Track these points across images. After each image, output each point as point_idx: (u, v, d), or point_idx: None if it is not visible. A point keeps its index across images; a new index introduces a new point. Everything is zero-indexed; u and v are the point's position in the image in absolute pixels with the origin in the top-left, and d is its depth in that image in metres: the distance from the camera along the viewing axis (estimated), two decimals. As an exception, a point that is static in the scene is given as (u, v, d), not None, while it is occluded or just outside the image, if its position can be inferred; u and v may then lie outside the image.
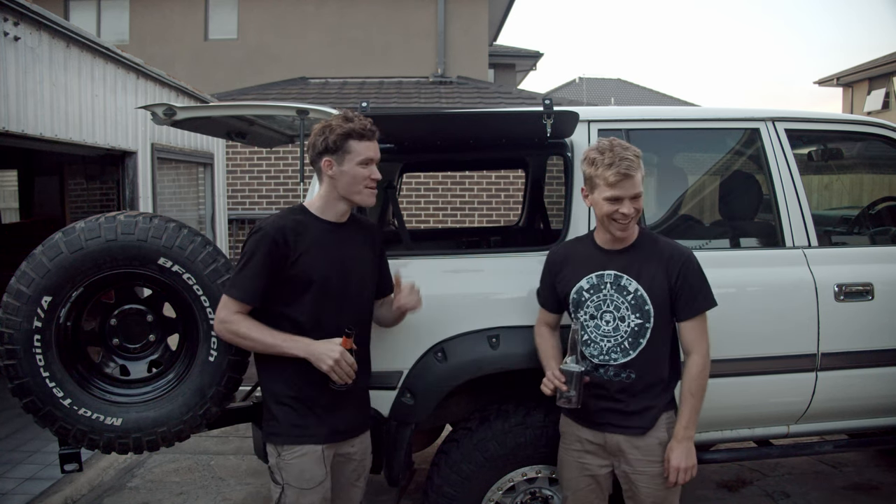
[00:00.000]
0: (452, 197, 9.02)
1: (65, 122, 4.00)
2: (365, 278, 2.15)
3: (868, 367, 2.63)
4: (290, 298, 2.01)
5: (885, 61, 16.72)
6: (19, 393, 2.17)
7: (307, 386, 2.01)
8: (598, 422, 2.14)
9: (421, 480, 3.34)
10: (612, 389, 2.12)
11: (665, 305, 2.08)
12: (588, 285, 2.14)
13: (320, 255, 2.02)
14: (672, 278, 2.07)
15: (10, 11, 3.46)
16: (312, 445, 2.02)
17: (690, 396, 2.07)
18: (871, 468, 3.86)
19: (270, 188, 8.99)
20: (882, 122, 2.91)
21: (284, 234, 1.98)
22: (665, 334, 2.11)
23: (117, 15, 11.49)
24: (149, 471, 3.91)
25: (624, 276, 2.10)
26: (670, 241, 2.18)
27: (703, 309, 2.09)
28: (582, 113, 2.55)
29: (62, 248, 2.16)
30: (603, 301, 2.12)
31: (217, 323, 2.03)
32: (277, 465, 2.04)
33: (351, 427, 2.13)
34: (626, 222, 2.04)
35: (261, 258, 1.96)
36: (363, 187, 2.03)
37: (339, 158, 2.00)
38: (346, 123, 2.00)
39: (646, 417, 2.10)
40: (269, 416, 2.07)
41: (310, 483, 2.01)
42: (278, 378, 2.04)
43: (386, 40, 11.30)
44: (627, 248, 2.13)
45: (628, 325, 2.09)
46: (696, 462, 2.08)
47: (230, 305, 1.99)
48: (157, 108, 2.40)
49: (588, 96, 19.89)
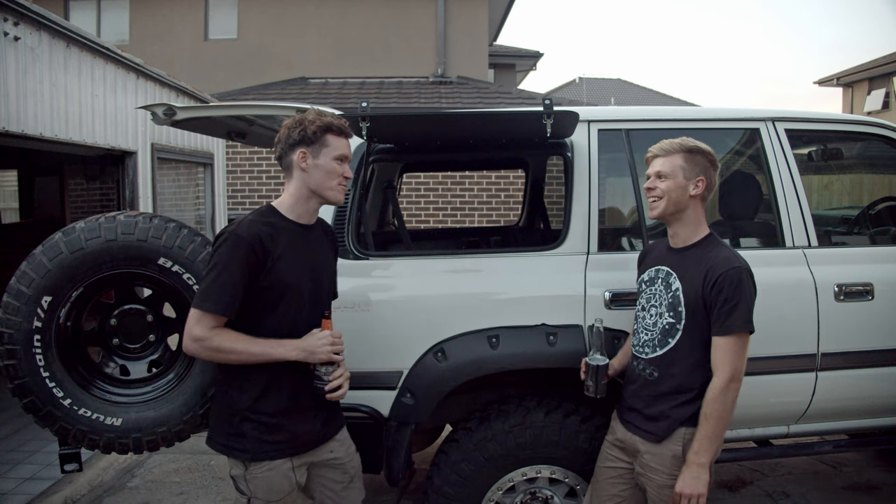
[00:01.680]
0: (452, 197, 9.02)
1: (65, 122, 4.00)
2: (331, 280, 2.13)
3: (868, 367, 2.63)
4: (266, 307, 1.91)
5: (885, 61, 16.73)
6: (19, 393, 2.17)
7: (278, 396, 1.93)
8: (626, 419, 2.20)
9: (421, 480, 3.34)
10: (637, 384, 2.17)
11: (697, 312, 2.03)
12: (647, 278, 2.22)
13: (293, 261, 1.94)
14: (706, 287, 2.01)
15: (10, 11, 3.46)
16: (281, 460, 1.96)
17: (704, 420, 1.98)
18: (871, 468, 3.86)
19: (270, 188, 8.98)
20: (882, 122, 2.91)
21: (261, 239, 1.87)
22: (695, 342, 2.05)
23: (117, 15, 11.49)
24: (149, 471, 3.91)
25: (673, 275, 2.13)
26: (727, 251, 2.08)
27: (734, 330, 1.96)
28: (582, 113, 2.55)
29: (62, 248, 2.16)
30: (653, 295, 2.17)
31: (190, 341, 1.84)
32: (244, 476, 1.95)
33: (324, 433, 2.06)
34: (652, 199, 2.12)
35: (237, 267, 1.83)
36: (336, 183, 1.97)
37: (316, 151, 1.94)
38: (325, 118, 1.96)
39: (661, 425, 2.08)
40: (233, 431, 1.94)
41: (277, 495, 1.96)
42: (245, 391, 1.93)
43: (386, 40, 11.30)
44: (688, 248, 2.14)
45: (663, 322, 2.11)
46: (705, 491, 1.97)
47: (204, 320, 1.83)
48: (157, 108, 2.40)
49: (588, 96, 19.89)
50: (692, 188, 2.09)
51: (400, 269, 2.56)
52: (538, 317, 2.45)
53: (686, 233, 2.14)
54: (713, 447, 1.99)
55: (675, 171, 2.09)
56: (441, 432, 3.25)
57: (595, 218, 2.56)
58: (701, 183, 2.10)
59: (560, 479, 2.50)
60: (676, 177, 2.09)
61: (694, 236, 2.13)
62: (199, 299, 1.84)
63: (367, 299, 2.43)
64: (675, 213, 2.12)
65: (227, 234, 1.88)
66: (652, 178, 2.14)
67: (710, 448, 1.98)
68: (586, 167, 2.58)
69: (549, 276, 2.51)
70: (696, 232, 2.13)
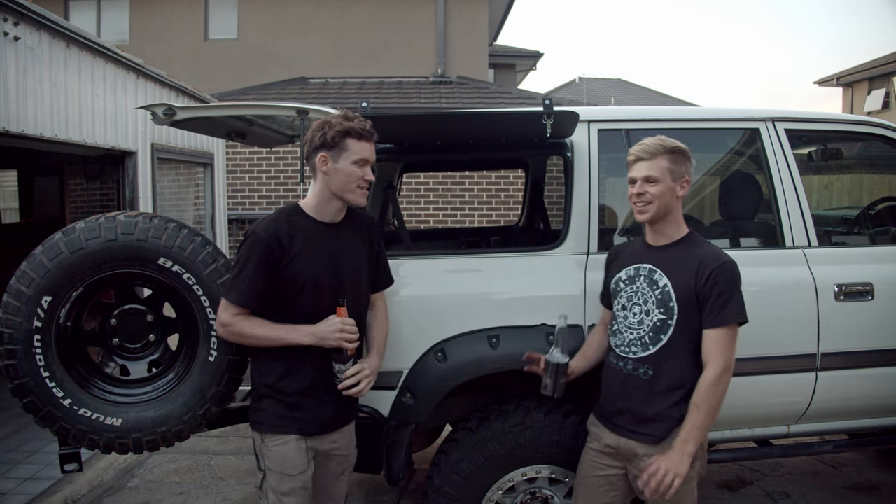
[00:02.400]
0: (452, 197, 9.02)
1: (65, 122, 4.00)
2: (359, 273, 2.15)
3: (868, 367, 2.63)
4: (285, 300, 2.04)
5: (885, 61, 16.72)
6: (19, 393, 2.18)
7: (297, 380, 2.06)
8: (617, 424, 2.16)
9: (421, 480, 3.34)
10: (627, 385, 2.13)
11: (690, 307, 2.05)
12: (626, 276, 2.19)
13: (312, 257, 2.03)
14: (701, 280, 2.03)
15: (10, 11, 3.46)
16: (294, 435, 2.07)
17: (695, 409, 1.99)
18: (871, 468, 3.86)
19: (270, 188, 8.99)
20: (882, 122, 2.91)
21: (278, 237, 2.00)
22: (688, 338, 2.07)
23: (117, 15, 11.49)
24: (149, 471, 3.91)
25: (657, 271, 2.12)
26: (713, 247, 2.14)
27: (729, 321, 2.01)
28: (582, 113, 2.55)
29: (62, 248, 2.16)
30: (635, 293, 2.15)
31: (219, 326, 2.08)
32: (261, 450, 2.11)
33: (335, 420, 2.16)
34: (643, 203, 2.10)
35: (256, 263, 1.99)
36: (356, 187, 2.04)
37: (336, 155, 2.01)
38: (346, 122, 2.01)
39: (660, 426, 2.08)
40: (256, 406, 2.12)
41: (291, 470, 2.06)
42: (269, 372, 2.09)
43: (386, 40, 11.30)
44: (669, 245, 2.15)
45: (652, 319, 2.10)
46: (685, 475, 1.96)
47: (230, 309, 2.03)
48: (157, 108, 2.40)
49: (588, 96, 19.89)
50: (679, 189, 2.11)
51: (400, 269, 2.56)
52: (538, 317, 2.45)
53: (671, 231, 2.16)
54: (700, 437, 2.00)
55: (664, 174, 2.08)
56: (441, 432, 3.25)
57: (595, 218, 2.56)
58: (686, 184, 2.13)
59: (560, 479, 2.50)
60: (665, 180, 2.08)
61: (677, 233, 2.16)
62: (226, 290, 2.06)
63: (368, 299, 2.42)
64: (664, 216, 2.13)
65: (249, 232, 2.03)
66: (640, 183, 2.10)
67: (697, 437, 1.99)
68: (586, 167, 2.58)
69: (550, 276, 2.51)
70: (679, 229, 2.17)
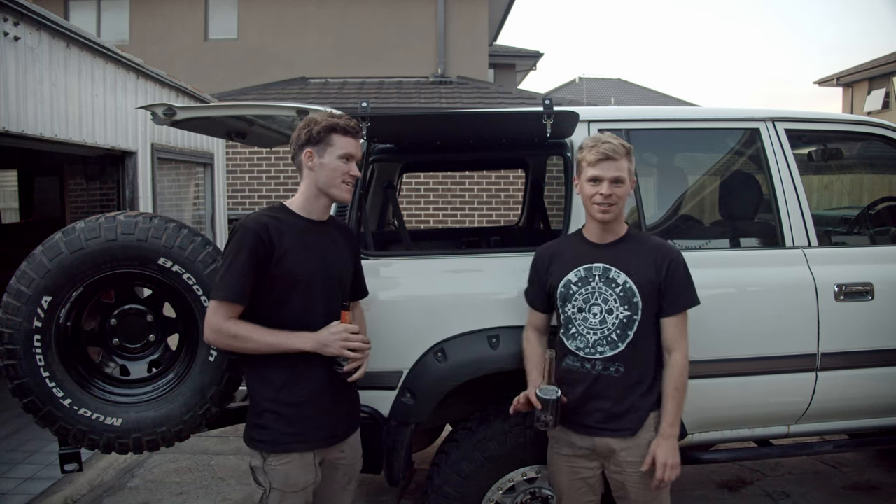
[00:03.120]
0: (452, 197, 9.02)
1: (65, 122, 4.00)
2: (346, 273, 2.14)
3: (868, 367, 2.63)
4: (277, 299, 1.96)
5: (885, 61, 16.73)
6: (19, 393, 2.18)
7: (300, 389, 1.97)
8: (588, 425, 2.14)
9: (421, 480, 3.34)
10: (597, 385, 2.11)
11: (652, 299, 2.11)
12: (576, 278, 2.16)
13: (303, 254, 1.98)
14: (661, 273, 2.11)
15: (10, 11, 3.46)
16: (299, 453, 1.99)
17: (675, 392, 2.08)
18: (871, 468, 3.86)
19: (270, 188, 8.99)
20: (882, 122, 2.91)
21: (268, 230, 1.93)
22: (651, 330, 2.13)
23: (117, 15, 11.49)
24: (149, 471, 3.90)
25: (613, 269, 2.12)
26: (658, 238, 2.25)
27: (688, 306, 2.13)
28: (582, 113, 2.55)
29: (62, 248, 2.16)
30: (591, 294, 2.13)
31: (209, 332, 1.93)
32: (262, 468, 1.99)
33: (342, 430, 2.10)
34: (607, 205, 2.08)
35: (246, 256, 1.89)
36: (341, 182, 2.01)
37: (321, 150, 1.99)
38: (331, 118, 2.01)
39: (633, 418, 2.10)
40: (256, 423, 2.00)
41: (294, 487, 1.98)
42: (269, 383, 1.98)
43: (386, 40, 11.30)
44: (616, 241, 2.17)
45: (616, 317, 2.10)
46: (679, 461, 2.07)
47: (220, 310, 1.91)
48: (157, 108, 2.40)
49: (588, 96, 19.89)
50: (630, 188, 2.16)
51: (400, 269, 2.56)
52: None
53: (619, 228, 2.18)
54: (679, 419, 2.10)
55: (628, 175, 2.11)
56: (441, 432, 3.25)
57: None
58: (632, 183, 2.16)
59: (560, 479, 2.50)
60: (628, 180, 2.11)
61: (622, 230, 2.19)
62: (214, 290, 1.94)
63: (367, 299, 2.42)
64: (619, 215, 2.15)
65: (236, 226, 1.97)
66: (608, 184, 2.07)
67: (678, 419, 2.09)
68: (586, 167, 2.58)
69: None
70: (623, 225, 2.20)
